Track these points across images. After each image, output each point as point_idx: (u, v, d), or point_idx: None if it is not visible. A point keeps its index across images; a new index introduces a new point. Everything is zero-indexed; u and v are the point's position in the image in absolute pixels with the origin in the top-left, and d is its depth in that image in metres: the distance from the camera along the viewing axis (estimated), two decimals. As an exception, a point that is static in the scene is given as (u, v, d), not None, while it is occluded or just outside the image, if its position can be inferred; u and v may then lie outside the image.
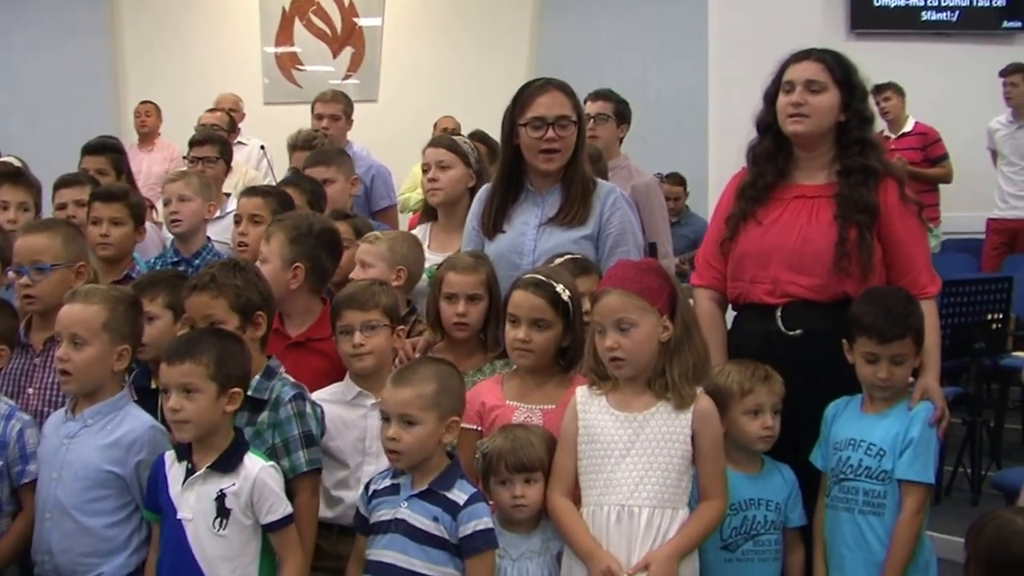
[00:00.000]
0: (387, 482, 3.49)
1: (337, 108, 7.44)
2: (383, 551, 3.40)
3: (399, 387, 3.43)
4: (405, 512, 3.40)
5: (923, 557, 3.74)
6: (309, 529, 3.61)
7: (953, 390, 6.92)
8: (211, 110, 8.66)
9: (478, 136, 6.51)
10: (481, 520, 3.38)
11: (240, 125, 9.19)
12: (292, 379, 3.75)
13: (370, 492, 3.50)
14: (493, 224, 4.44)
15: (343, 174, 5.85)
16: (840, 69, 4.04)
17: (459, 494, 3.40)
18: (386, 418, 3.45)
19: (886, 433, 3.73)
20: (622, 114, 6.46)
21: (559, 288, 3.71)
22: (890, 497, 3.69)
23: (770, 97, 4.11)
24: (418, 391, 3.42)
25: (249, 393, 3.58)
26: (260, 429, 3.62)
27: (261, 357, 3.73)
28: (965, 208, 9.74)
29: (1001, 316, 7.20)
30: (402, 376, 3.48)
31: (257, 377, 3.64)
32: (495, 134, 5.39)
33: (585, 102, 6.25)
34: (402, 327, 4.03)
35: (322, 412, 3.77)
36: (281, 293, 4.11)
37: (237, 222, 4.89)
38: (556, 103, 4.35)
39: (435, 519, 3.37)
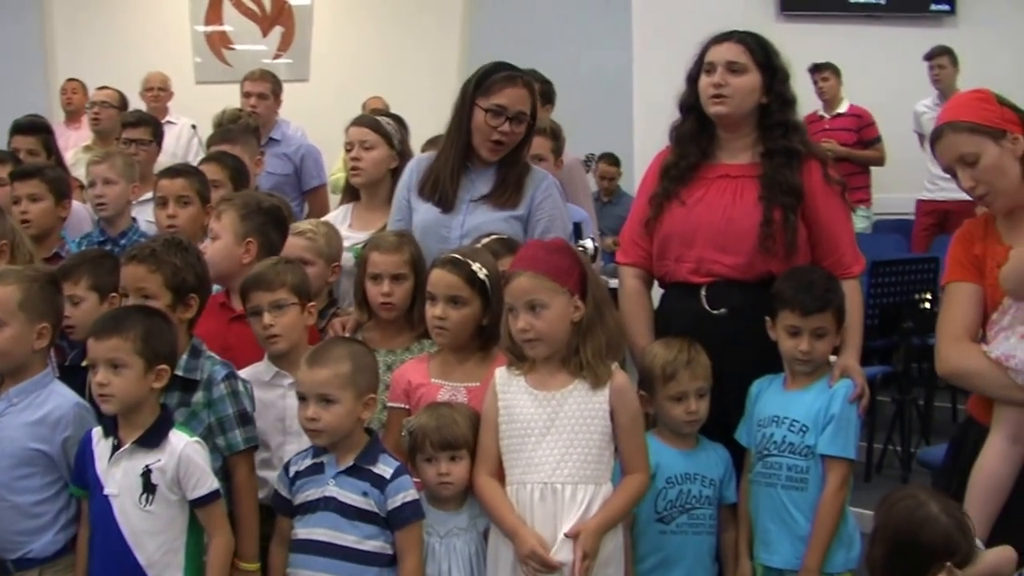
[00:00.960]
0: (308, 462, 3.51)
1: (265, 87, 7.40)
2: (312, 529, 3.43)
3: (315, 367, 3.45)
4: (334, 490, 3.42)
5: (846, 532, 3.78)
6: (251, 506, 3.63)
7: (883, 369, 7.03)
8: (101, 88, 8.55)
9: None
10: (408, 492, 3.43)
11: (169, 104, 9.13)
12: (218, 357, 3.75)
13: (291, 474, 3.52)
14: (441, 191, 4.38)
15: (247, 153, 5.81)
16: (761, 51, 4.06)
17: (384, 468, 3.44)
18: (303, 398, 3.46)
19: (807, 409, 3.77)
20: (546, 94, 6.44)
21: (475, 266, 3.74)
22: (812, 472, 3.74)
23: (692, 78, 4.12)
24: (334, 371, 3.44)
25: (180, 373, 3.58)
26: (196, 409, 3.62)
27: (187, 338, 3.72)
28: (896, 189, 9.85)
29: (929, 296, 7.27)
30: (317, 357, 3.50)
31: (185, 357, 3.64)
32: (427, 113, 5.39)
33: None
34: (312, 303, 4.00)
35: (251, 390, 3.77)
36: (233, 268, 4.16)
37: (163, 204, 4.83)
38: (520, 99, 4.34)
39: (364, 494, 3.40)
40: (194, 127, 8.37)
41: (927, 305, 7.26)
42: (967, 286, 3.44)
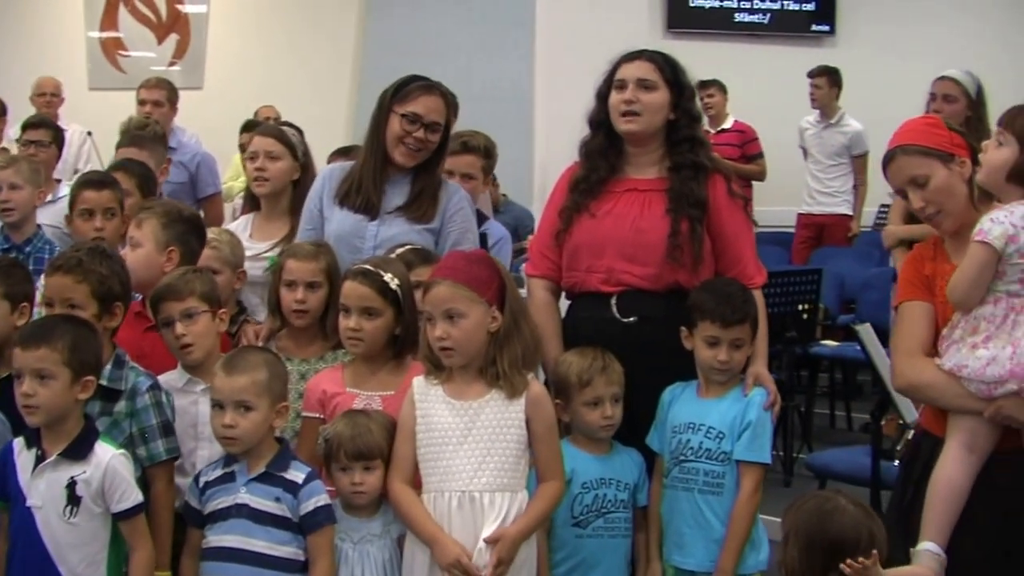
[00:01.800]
0: (219, 471, 3.53)
1: (160, 94, 7.37)
2: (224, 536, 3.44)
3: (234, 375, 3.48)
4: (246, 497, 3.44)
5: (756, 535, 3.90)
6: (168, 517, 3.62)
7: (766, 377, 7.18)
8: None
9: None
10: (320, 497, 3.47)
11: (60, 111, 8.99)
12: (141, 368, 3.74)
13: (201, 484, 3.53)
14: (367, 198, 4.41)
15: (154, 160, 5.78)
16: (670, 69, 4.17)
17: (296, 474, 3.47)
18: (219, 405, 3.48)
19: (723, 417, 3.88)
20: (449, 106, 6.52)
21: (387, 277, 3.77)
22: (728, 477, 3.85)
23: (602, 95, 4.21)
24: (252, 378, 3.47)
25: (103, 383, 3.56)
26: (118, 419, 3.60)
27: (110, 347, 3.70)
28: (776, 203, 10.04)
29: (810, 307, 7.47)
30: (234, 364, 3.52)
31: (108, 366, 3.62)
32: (318, 124, 5.41)
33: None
34: (224, 310, 4.01)
35: (172, 400, 3.77)
36: (154, 277, 4.11)
37: (89, 216, 4.73)
38: (436, 108, 4.41)
39: (277, 499, 3.43)
40: (89, 134, 8.30)
41: (808, 315, 7.47)
42: (919, 304, 3.54)
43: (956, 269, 3.40)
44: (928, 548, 3.32)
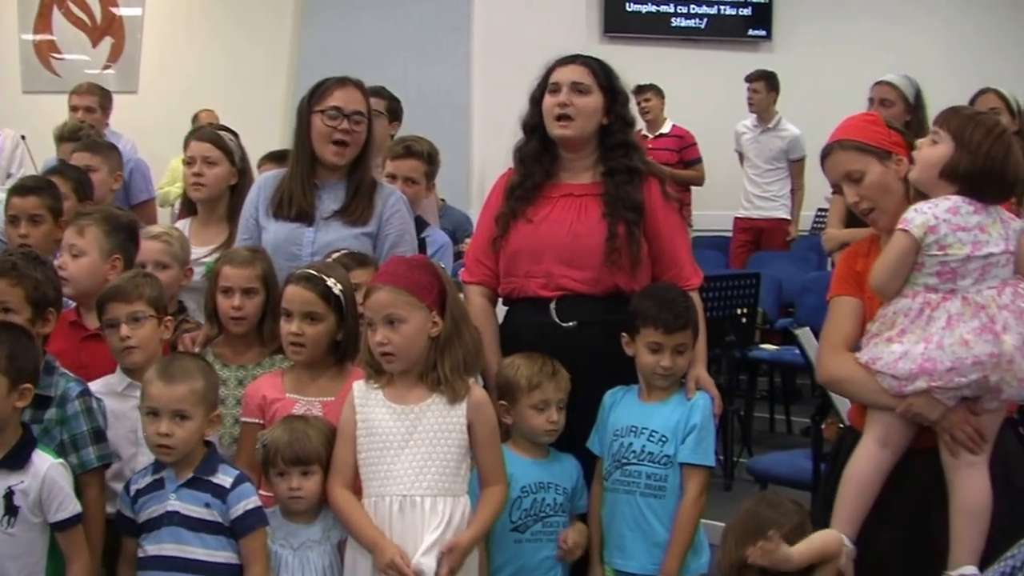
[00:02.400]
0: (148, 479, 3.49)
1: (92, 100, 7.32)
2: (159, 545, 3.41)
3: (172, 384, 3.44)
4: (175, 503, 3.41)
5: (697, 540, 3.92)
6: (99, 524, 3.58)
7: (705, 380, 7.21)
8: None
9: (375, 91, 6.49)
10: (250, 499, 3.45)
11: None
12: (71, 374, 3.70)
13: (132, 493, 3.49)
14: (299, 207, 4.39)
15: (107, 166, 5.76)
16: (604, 74, 4.19)
17: (224, 478, 3.45)
18: (153, 412, 3.44)
19: (666, 420, 3.90)
20: (394, 111, 6.52)
21: (330, 282, 3.76)
22: (671, 480, 3.86)
23: (536, 99, 4.23)
24: (191, 387, 3.45)
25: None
26: (48, 427, 3.56)
27: (41, 354, 3.64)
28: (713, 207, 10.12)
29: (749, 310, 7.51)
30: (171, 372, 3.48)
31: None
32: (254, 127, 5.39)
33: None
34: (169, 318, 3.99)
35: (104, 407, 3.73)
36: (97, 285, 4.08)
37: (14, 222, 4.71)
38: (353, 98, 4.41)
39: (206, 505, 3.41)
40: (23, 138, 8.21)
41: (746, 319, 7.51)
42: (847, 300, 3.60)
43: (878, 259, 3.45)
44: (845, 543, 3.34)
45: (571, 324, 4.07)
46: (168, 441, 3.40)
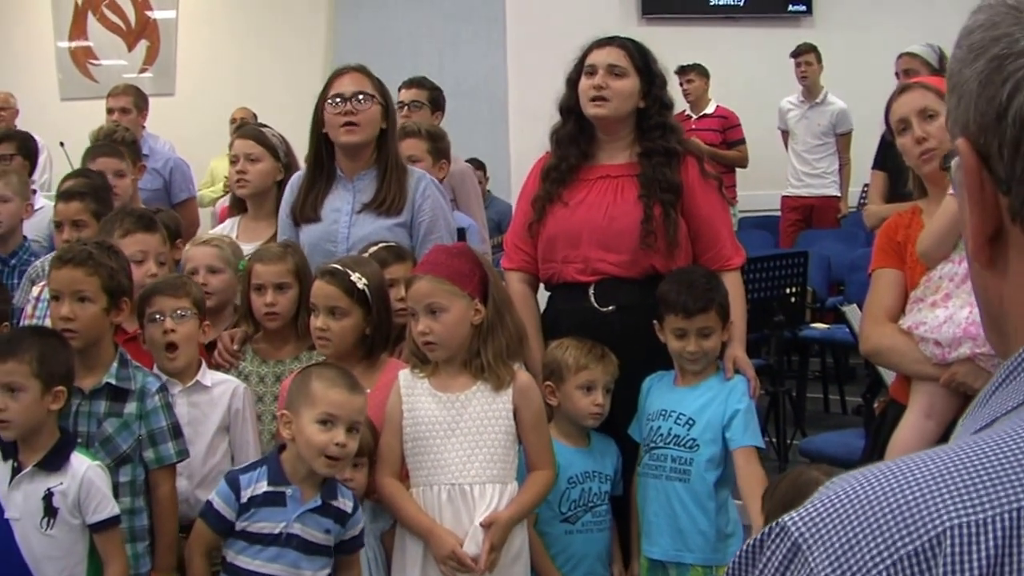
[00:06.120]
0: (263, 487, 3.35)
1: (127, 101, 7.30)
2: (269, 564, 3.31)
3: (355, 395, 3.35)
4: (297, 527, 3.31)
5: (734, 523, 3.88)
6: (174, 519, 3.59)
7: (756, 362, 7.10)
8: None
9: (416, 82, 6.50)
10: (361, 522, 3.45)
11: (17, 122, 8.86)
12: (145, 368, 3.70)
13: (243, 499, 3.34)
14: (302, 211, 4.44)
15: (130, 163, 5.75)
16: (640, 57, 4.16)
17: (346, 502, 3.40)
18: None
19: (694, 403, 3.86)
20: (436, 101, 6.48)
21: (354, 277, 3.74)
22: (696, 464, 3.82)
23: (573, 81, 4.20)
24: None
25: (112, 382, 3.53)
26: (128, 420, 3.55)
27: (114, 345, 3.66)
28: (759, 186, 10.01)
29: (798, 290, 7.44)
30: (348, 380, 3.39)
31: (115, 365, 3.58)
32: (293, 124, 5.37)
33: (399, 90, 6.28)
34: (208, 323, 3.97)
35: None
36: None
37: (59, 228, 4.70)
38: (354, 82, 4.40)
39: (327, 531, 3.35)
40: (62, 144, 8.22)
41: (796, 299, 7.43)
42: (889, 272, 3.58)
43: (927, 225, 3.43)
44: None
45: (609, 308, 4.03)
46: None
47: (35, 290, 4.45)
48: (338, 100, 4.35)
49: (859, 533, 0.88)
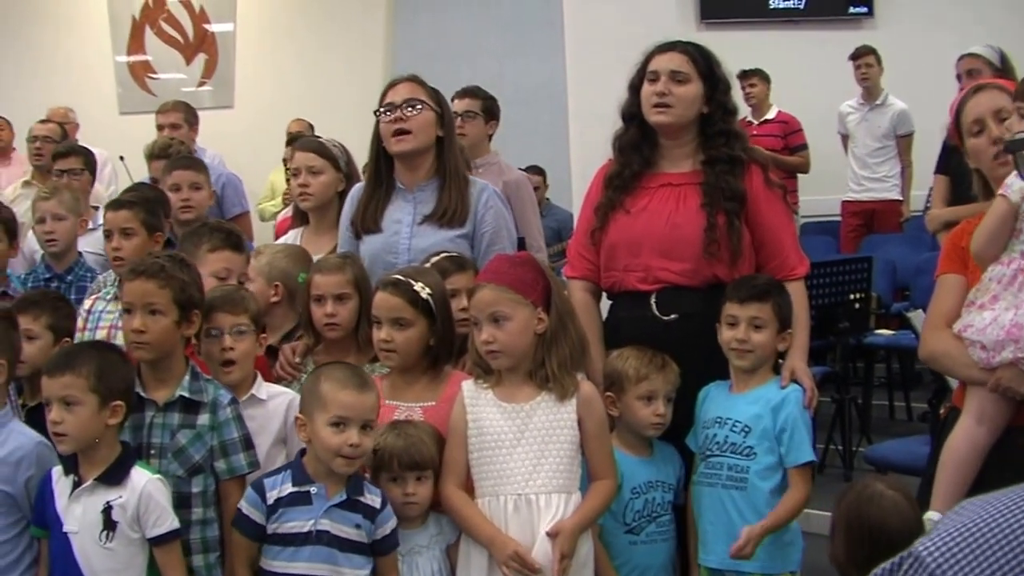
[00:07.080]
0: (288, 489, 3.39)
1: (177, 117, 7.36)
2: (306, 563, 3.32)
3: (365, 394, 3.38)
4: (326, 523, 3.34)
5: (791, 534, 3.83)
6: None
7: (821, 369, 7.06)
8: (42, 121, 8.44)
9: (470, 92, 6.53)
10: (393, 520, 3.44)
11: (77, 136, 8.93)
12: (215, 381, 3.71)
13: (270, 501, 3.38)
14: (362, 223, 4.45)
15: (207, 180, 5.78)
16: (704, 62, 4.10)
17: (373, 498, 3.41)
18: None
19: (750, 410, 3.81)
20: (490, 110, 6.46)
21: (417, 287, 3.73)
22: (752, 472, 3.77)
23: (635, 87, 4.16)
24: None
25: (184, 394, 3.55)
26: (201, 432, 3.56)
27: (185, 359, 3.67)
28: (820, 191, 9.92)
29: (862, 295, 7.35)
30: (365, 380, 3.43)
31: (187, 378, 3.59)
32: (353, 134, 5.38)
33: (452, 100, 6.25)
34: (265, 335, 3.97)
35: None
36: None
37: (108, 236, 4.72)
38: (405, 90, 4.43)
39: (357, 526, 3.37)
40: (122, 158, 8.27)
41: (860, 305, 7.34)
42: (952, 277, 3.54)
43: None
44: (930, 517, 3.22)
45: (671, 317, 4.00)
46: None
47: (87, 303, 4.50)
48: (388, 109, 4.37)
49: (993, 564, 0.85)
